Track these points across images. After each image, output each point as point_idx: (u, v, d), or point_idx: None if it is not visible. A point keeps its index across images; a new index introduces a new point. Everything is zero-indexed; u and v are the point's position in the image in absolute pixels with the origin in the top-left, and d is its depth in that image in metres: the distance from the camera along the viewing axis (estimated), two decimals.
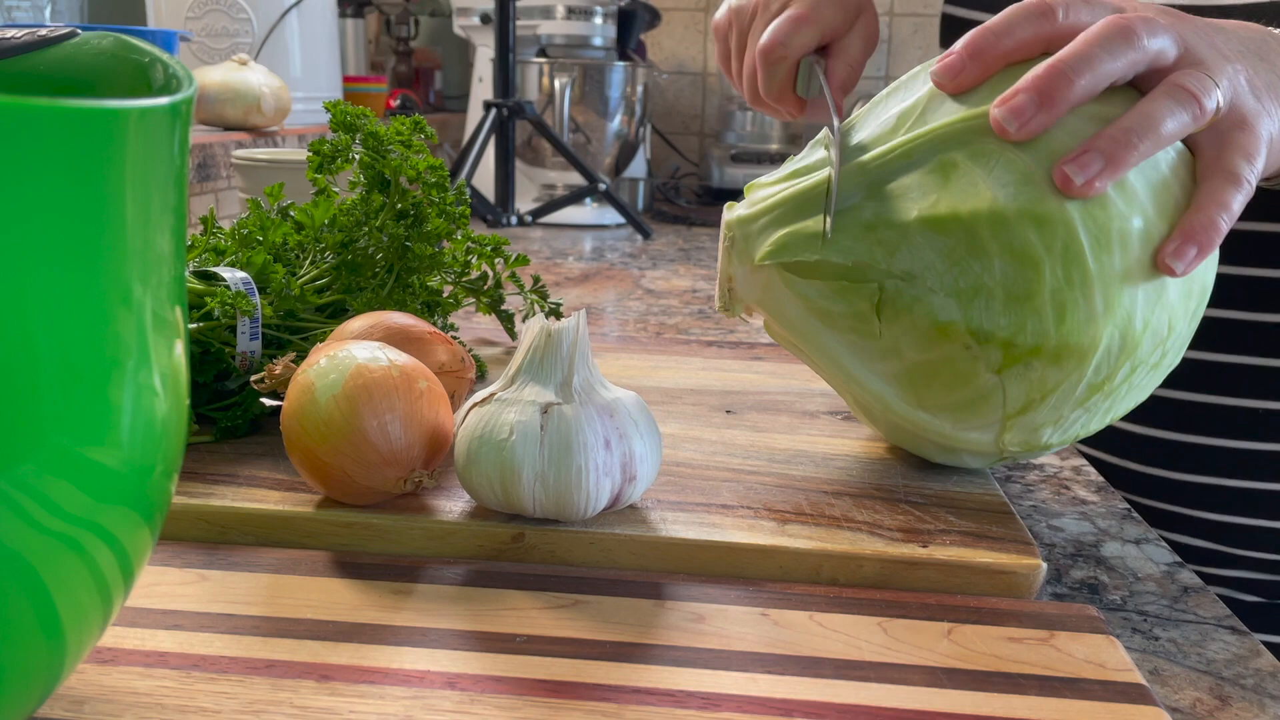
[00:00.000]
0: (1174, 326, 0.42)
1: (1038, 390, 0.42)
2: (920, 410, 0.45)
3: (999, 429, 0.44)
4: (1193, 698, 0.35)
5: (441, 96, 2.26)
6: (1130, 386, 0.43)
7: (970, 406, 0.43)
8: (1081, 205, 0.40)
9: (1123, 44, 0.41)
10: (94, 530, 0.24)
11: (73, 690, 0.31)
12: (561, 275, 1.14)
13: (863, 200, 0.44)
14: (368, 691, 0.31)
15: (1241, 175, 0.41)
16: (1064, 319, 0.40)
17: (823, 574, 0.40)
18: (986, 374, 0.42)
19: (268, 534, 0.42)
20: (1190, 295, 0.43)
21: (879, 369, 0.45)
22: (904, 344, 0.43)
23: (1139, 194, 0.41)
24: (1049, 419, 0.43)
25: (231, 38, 1.47)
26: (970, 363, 0.42)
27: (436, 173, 0.59)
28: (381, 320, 0.48)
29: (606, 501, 0.40)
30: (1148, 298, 0.41)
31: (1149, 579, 0.44)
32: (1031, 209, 0.40)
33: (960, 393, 0.43)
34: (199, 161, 1.15)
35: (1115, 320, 0.40)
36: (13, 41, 0.31)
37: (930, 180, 0.42)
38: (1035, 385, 0.42)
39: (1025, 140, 0.41)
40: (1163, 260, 0.40)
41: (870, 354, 0.44)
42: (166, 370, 0.25)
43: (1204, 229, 0.40)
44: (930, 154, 0.43)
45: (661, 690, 0.32)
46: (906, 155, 0.43)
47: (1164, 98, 0.41)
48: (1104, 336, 0.40)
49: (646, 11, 1.79)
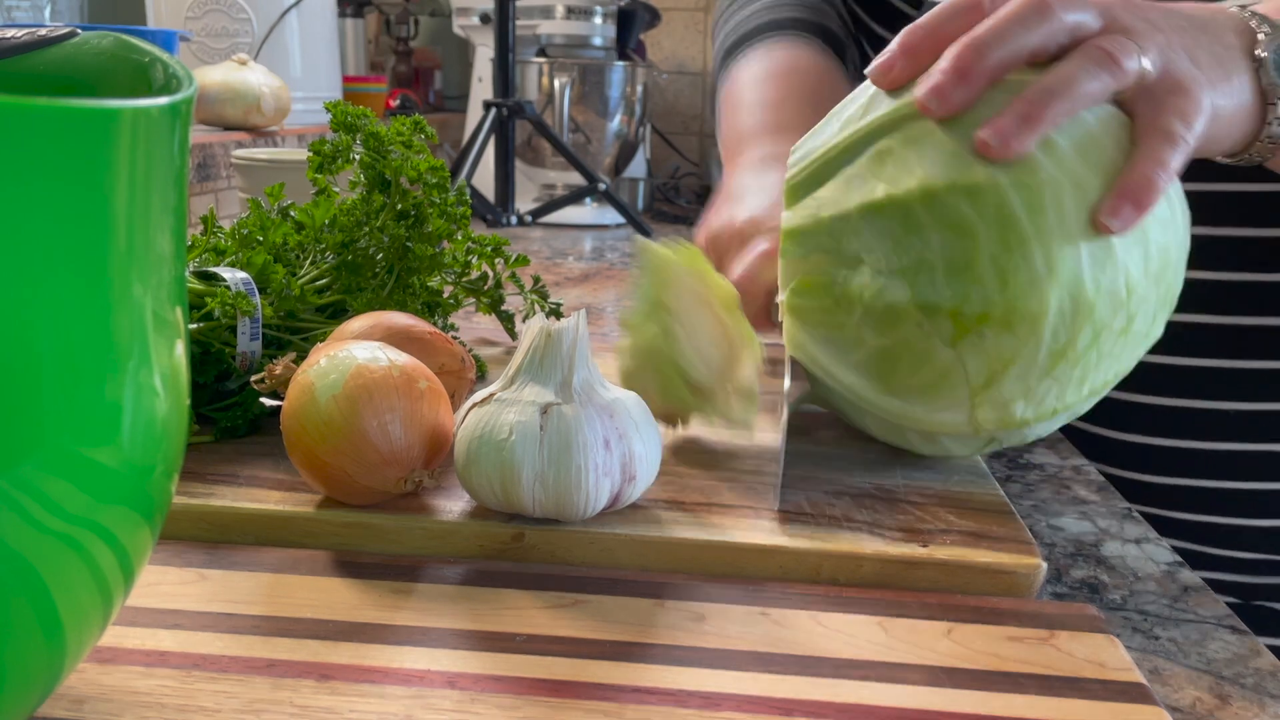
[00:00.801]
0: (1133, 289, 0.42)
1: (997, 361, 0.42)
2: (891, 396, 0.45)
3: (969, 406, 0.44)
4: (1193, 697, 0.35)
5: (441, 96, 2.26)
6: (1100, 354, 0.43)
7: (935, 387, 0.44)
8: (1009, 171, 0.41)
9: (1036, 17, 0.42)
10: (94, 530, 0.24)
11: (73, 690, 0.31)
12: (561, 275, 1.14)
13: (813, 197, 0.46)
14: (368, 691, 0.31)
15: (1177, 134, 0.41)
16: (1006, 283, 0.41)
17: (823, 574, 0.40)
18: (943, 349, 0.42)
19: (268, 534, 0.42)
20: (1149, 257, 0.43)
21: (848, 360, 0.45)
22: (864, 331, 0.44)
23: (1067, 154, 0.41)
24: (1017, 391, 0.43)
25: (231, 38, 1.47)
26: (925, 340, 0.43)
27: (437, 173, 0.59)
28: (381, 320, 0.48)
29: (606, 501, 0.40)
30: (1094, 258, 0.41)
31: (1149, 578, 0.44)
32: (960, 181, 0.41)
33: (923, 373, 0.43)
34: (199, 161, 1.15)
35: (1060, 281, 0.41)
36: (13, 41, 0.31)
37: (868, 168, 0.44)
38: (993, 356, 0.42)
39: (948, 117, 0.42)
40: (1098, 219, 0.40)
41: (838, 346, 0.45)
42: (166, 370, 0.25)
43: (1139, 186, 0.40)
44: (867, 144, 0.44)
45: (661, 690, 0.32)
46: (847, 150, 0.45)
47: (1080, 58, 0.41)
48: (1052, 299, 0.41)
49: (646, 11, 1.79)
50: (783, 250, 0.47)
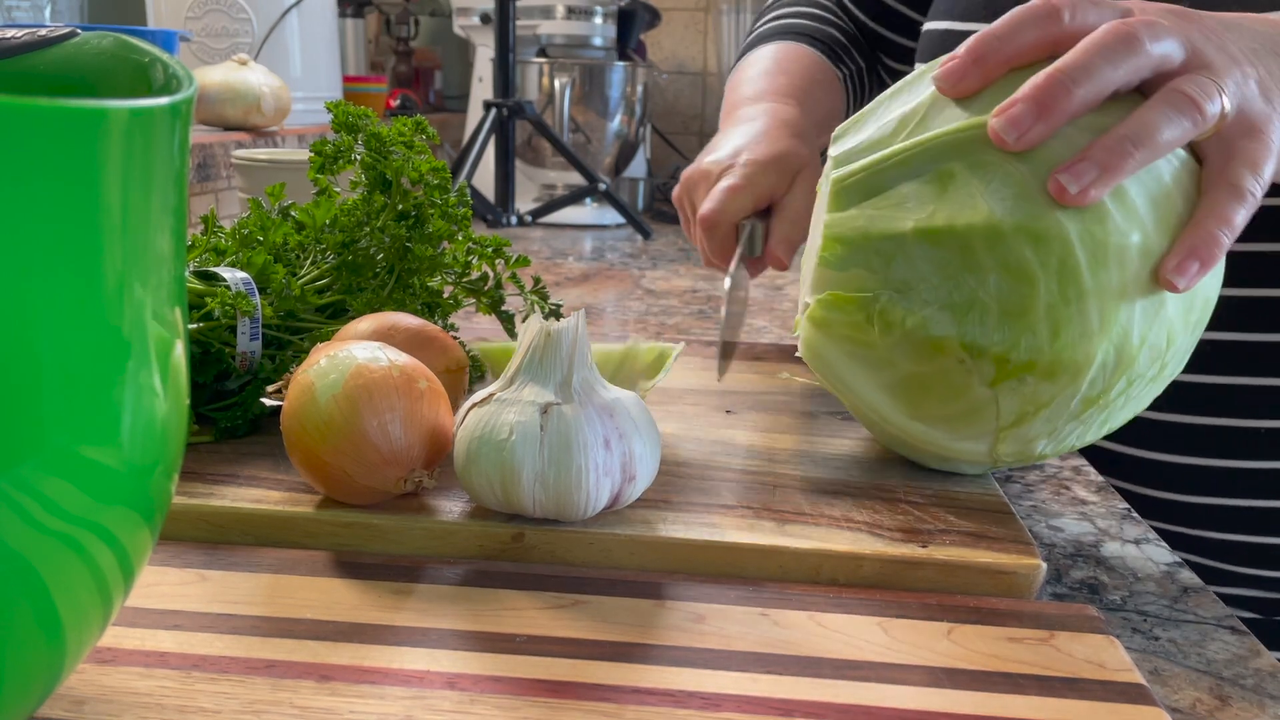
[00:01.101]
0: (1173, 340, 0.42)
1: (1031, 404, 0.42)
2: (915, 421, 0.45)
3: (993, 440, 0.44)
4: (1193, 698, 0.35)
5: (441, 96, 2.26)
6: (1127, 399, 0.43)
7: (964, 419, 0.43)
8: (1079, 221, 0.39)
9: (1125, 51, 0.40)
10: (94, 530, 0.24)
11: (73, 690, 0.31)
12: (561, 275, 1.14)
13: (859, 207, 0.44)
14: (368, 691, 0.31)
15: (1245, 188, 0.41)
16: (1058, 335, 0.40)
17: (823, 574, 0.40)
18: (980, 387, 0.42)
19: (268, 534, 0.42)
20: (1192, 308, 0.43)
21: (875, 379, 0.44)
22: (898, 355, 0.43)
23: (1139, 208, 0.40)
24: (1043, 431, 0.43)
25: (231, 38, 1.47)
26: (964, 376, 0.42)
27: (439, 175, 0.59)
28: (384, 321, 0.48)
29: (606, 501, 0.40)
30: (1146, 313, 0.41)
31: (1149, 579, 0.44)
32: (1028, 225, 0.40)
33: (954, 405, 0.43)
34: (199, 161, 1.15)
35: (1111, 336, 0.40)
36: (13, 41, 0.31)
37: (928, 190, 0.42)
38: (1029, 399, 0.42)
39: (1023, 151, 0.40)
40: (1164, 276, 0.40)
41: (866, 364, 0.44)
42: (166, 370, 0.25)
43: (1205, 244, 0.40)
44: (929, 163, 0.42)
45: (661, 690, 0.32)
46: (905, 163, 0.43)
47: (1163, 105, 0.40)
48: (1099, 352, 0.40)
49: (646, 11, 1.79)
50: (823, 255, 0.45)
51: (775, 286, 1.11)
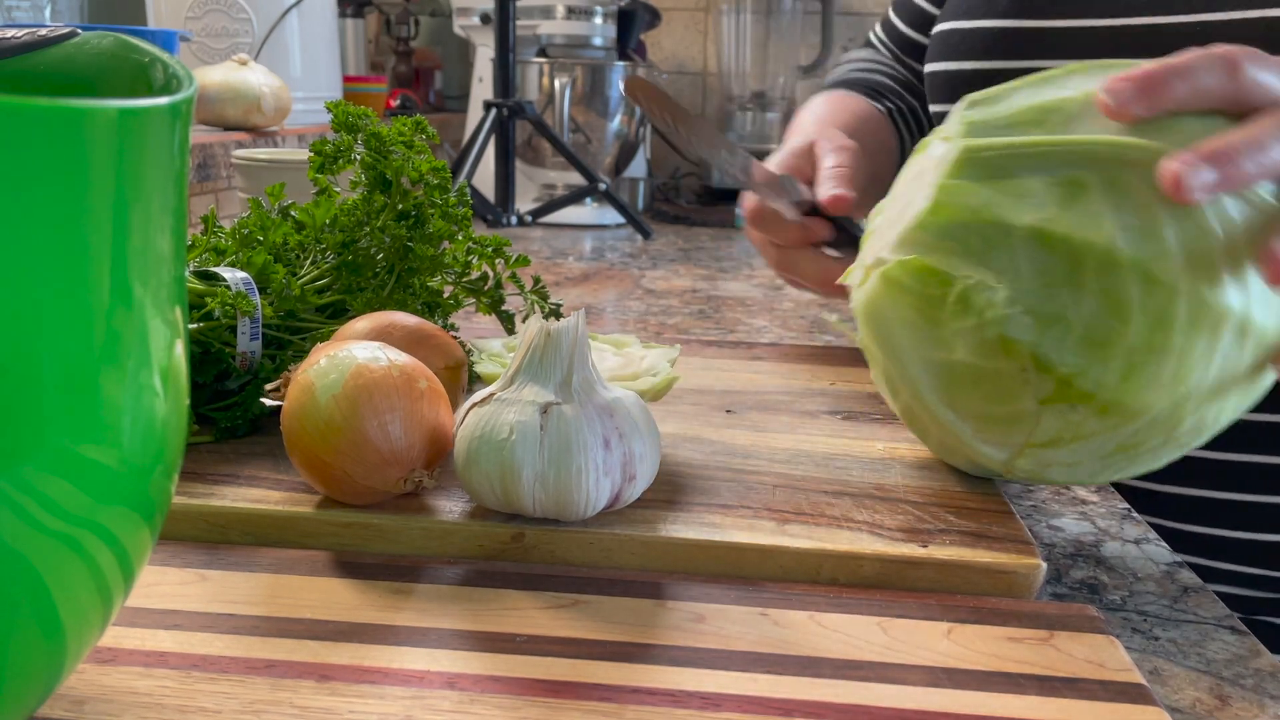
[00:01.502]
0: (1219, 420, 0.42)
1: (1070, 432, 0.41)
2: (948, 409, 0.44)
3: (1014, 452, 0.43)
4: (1193, 698, 0.35)
5: (441, 96, 2.26)
6: (1153, 456, 0.42)
7: (999, 423, 0.42)
8: (1193, 278, 0.38)
9: None
10: (94, 530, 0.24)
11: (73, 690, 0.31)
12: (561, 275, 1.14)
13: (980, 183, 0.42)
14: (368, 691, 0.31)
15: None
16: (1128, 378, 0.39)
17: (823, 574, 0.40)
18: (1029, 400, 0.41)
19: (268, 534, 0.42)
20: (1248, 396, 0.42)
21: (926, 355, 0.43)
22: (961, 342, 0.42)
23: (1255, 294, 0.39)
24: (1065, 460, 0.42)
25: (231, 38, 1.47)
26: (1019, 384, 0.41)
27: (439, 174, 0.59)
28: (381, 320, 0.48)
29: (606, 501, 0.40)
30: (1213, 389, 0.40)
31: (1149, 579, 0.44)
32: (1145, 263, 0.38)
33: (996, 407, 0.42)
34: (199, 161, 1.15)
35: (1174, 396, 0.40)
36: (13, 41, 0.31)
37: (1055, 193, 0.40)
38: (1071, 427, 0.41)
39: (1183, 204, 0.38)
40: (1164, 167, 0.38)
41: (923, 338, 0.43)
42: (166, 370, 0.25)
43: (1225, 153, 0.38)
44: (1064, 166, 0.40)
45: (661, 690, 0.32)
46: (1042, 156, 0.41)
47: None
48: (1156, 407, 0.40)
49: (646, 11, 1.79)
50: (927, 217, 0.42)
51: (775, 286, 1.11)
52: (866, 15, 2.16)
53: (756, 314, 0.96)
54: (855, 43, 2.17)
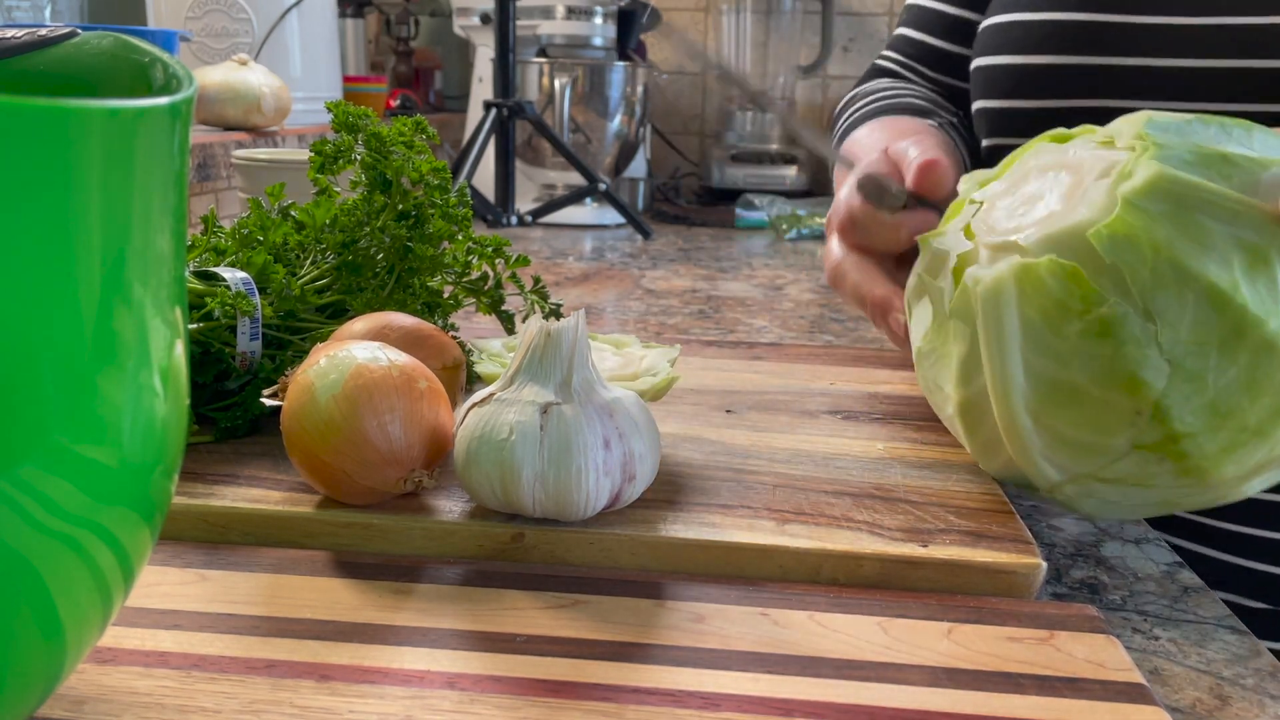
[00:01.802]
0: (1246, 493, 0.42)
1: (1138, 477, 0.40)
2: (1030, 417, 0.41)
3: (1071, 479, 0.42)
4: (1193, 698, 0.35)
5: (441, 96, 2.26)
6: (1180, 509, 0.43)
7: (1073, 448, 0.41)
8: None
9: None
10: (94, 530, 0.24)
11: (73, 690, 0.31)
12: (561, 275, 1.14)
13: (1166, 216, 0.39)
14: (367, 691, 0.31)
15: None
16: (1227, 453, 0.39)
17: (823, 574, 0.40)
18: (1120, 440, 0.40)
19: (268, 534, 0.42)
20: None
21: (1031, 361, 0.41)
22: (1080, 362, 0.40)
23: None
24: (1111, 497, 0.42)
25: (231, 38, 1.47)
26: (1123, 424, 0.39)
27: (439, 175, 0.59)
28: (379, 320, 0.48)
29: (606, 501, 0.40)
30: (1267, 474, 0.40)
31: (1149, 579, 0.44)
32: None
33: (1080, 434, 0.40)
34: (199, 161, 1.15)
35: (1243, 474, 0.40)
36: (12, 41, 0.31)
37: (1234, 255, 0.39)
38: (1142, 474, 0.40)
39: None
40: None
41: (1037, 345, 0.41)
42: (166, 370, 0.25)
43: None
44: (1250, 229, 0.39)
45: (661, 690, 0.32)
46: (1233, 212, 0.39)
47: None
48: (1227, 481, 0.40)
49: (647, 12, 1.79)
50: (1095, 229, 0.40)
51: (775, 286, 1.11)
52: (866, 15, 2.16)
53: (756, 314, 0.96)
54: (855, 43, 2.17)
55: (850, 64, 2.18)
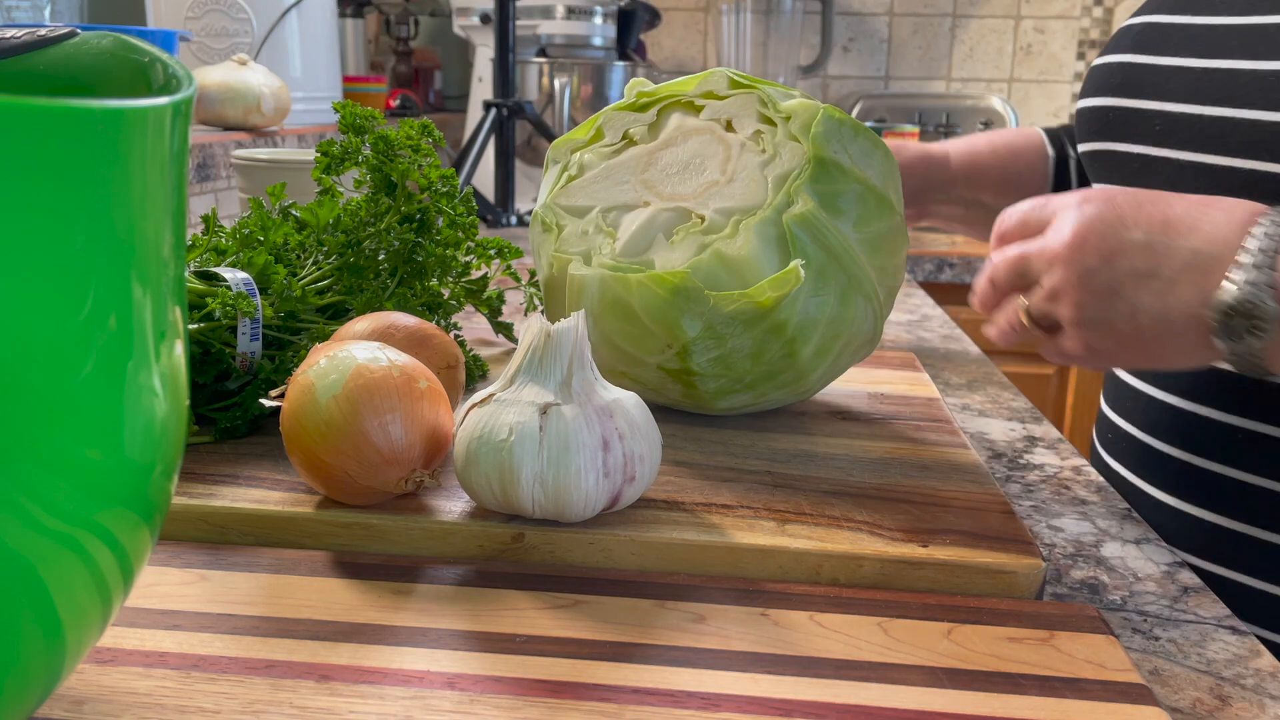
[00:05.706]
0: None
1: (653, 386, 0.53)
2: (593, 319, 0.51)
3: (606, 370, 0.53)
4: (1193, 698, 0.35)
5: (441, 96, 2.26)
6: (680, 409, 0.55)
7: (615, 350, 0.51)
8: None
9: None
10: (94, 530, 0.24)
11: (73, 690, 0.31)
12: None
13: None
14: (367, 691, 0.31)
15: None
16: (722, 393, 0.52)
17: (823, 574, 0.40)
18: (652, 360, 0.51)
19: (268, 534, 0.42)
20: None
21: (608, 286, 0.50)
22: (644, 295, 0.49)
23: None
24: (630, 387, 0.53)
25: (231, 38, 1.47)
26: (656, 350, 0.50)
27: (448, 182, 0.60)
28: (382, 321, 0.48)
29: (605, 502, 0.40)
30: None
31: (1149, 579, 0.44)
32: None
33: (625, 344, 0.51)
34: (199, 161, 1.15)
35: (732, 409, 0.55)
36: (13, 41, 0.31)
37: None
38: (656, 385, 0.53)
39: None
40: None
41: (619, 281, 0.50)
42: (166, 370, 0.25)
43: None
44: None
45: (661, 690, 0.32)
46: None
47: None
48: (716, 409, 0.54)
49: (646, 11, 1.79)
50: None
51: None
52: (866, 15, 2.16)
53: None
54: (855, 43, 2.17)
55: (850, 64, 2.18)
